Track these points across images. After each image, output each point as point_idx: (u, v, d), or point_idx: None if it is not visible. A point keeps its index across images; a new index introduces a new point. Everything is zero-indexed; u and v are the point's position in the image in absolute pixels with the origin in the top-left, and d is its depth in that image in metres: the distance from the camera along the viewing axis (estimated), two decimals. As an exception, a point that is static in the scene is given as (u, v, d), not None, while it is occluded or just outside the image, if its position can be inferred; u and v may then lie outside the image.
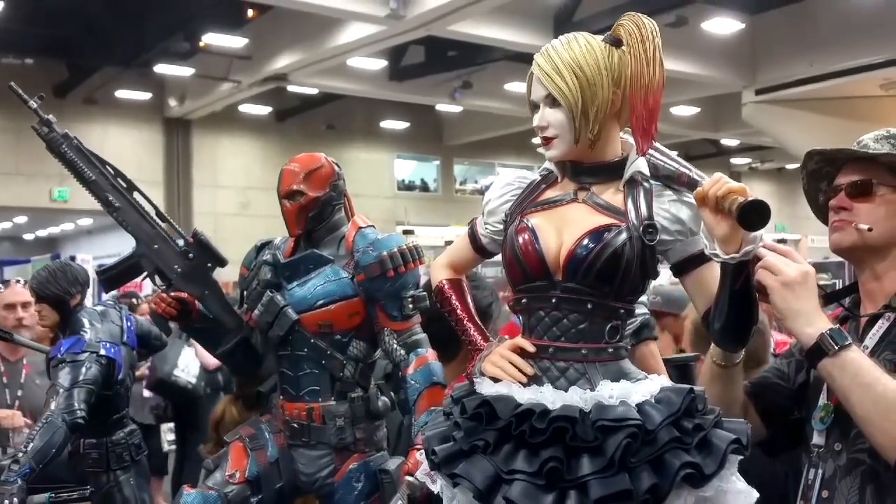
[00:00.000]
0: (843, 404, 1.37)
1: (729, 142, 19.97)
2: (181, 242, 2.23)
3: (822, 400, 1.51)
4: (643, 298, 1.77)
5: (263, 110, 17.57)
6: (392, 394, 2.27)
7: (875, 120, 13.72)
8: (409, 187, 20.81)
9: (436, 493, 1.40)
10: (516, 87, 15.18)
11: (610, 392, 1.28)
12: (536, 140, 1.43)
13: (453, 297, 1.57)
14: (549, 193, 1.45)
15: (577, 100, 1.35)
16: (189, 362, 4.93)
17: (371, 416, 2.19)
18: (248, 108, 17.16)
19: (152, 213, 2.22)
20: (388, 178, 19.71)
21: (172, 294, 2.20)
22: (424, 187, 21.10)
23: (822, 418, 1.49)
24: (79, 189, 2.16)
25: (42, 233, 23.06)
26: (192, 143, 17.81)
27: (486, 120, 17.65)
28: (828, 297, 1.60)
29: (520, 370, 1.34)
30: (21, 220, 21.03)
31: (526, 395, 1.30)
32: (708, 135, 18.51)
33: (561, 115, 1.37)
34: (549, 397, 1.28)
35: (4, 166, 15.82)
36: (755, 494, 1.26)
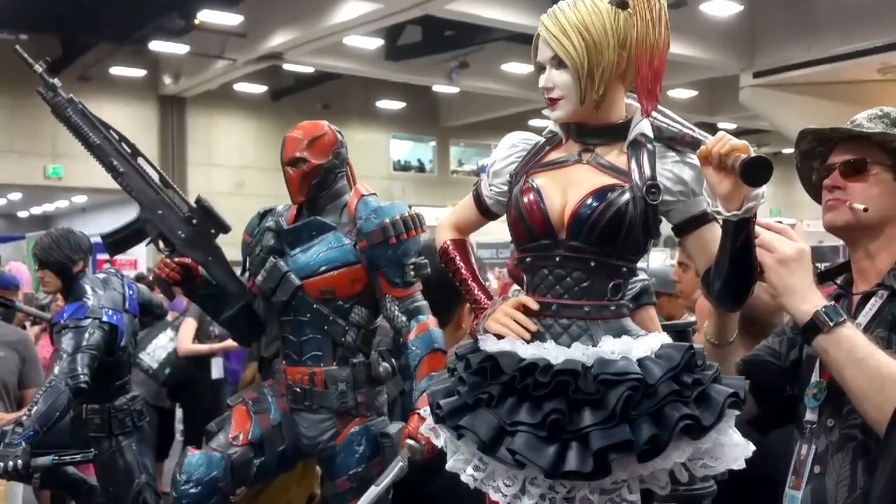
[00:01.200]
0: (837, 380, 1.40)
1: (726, 125, 19.92)
2: (185, 208, 2.26)
3: (815, 377, 1.54)
4: (642, 265, 1.80)
5: (259, 89, 17.50)
6: (393, 360, 2.30)
7: (873, 104, 13.63)
8: (404, 168, 20.79)
9: (440, 447, 1.43)
10: (514, 67, 15.15)
11: (612, 347, 1.31)
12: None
13: (458, 257, 1.60)
14: (554, 155, 1.48)
15: (583, 61, 1.37)
16: (158, 348, 4.95)
17: (372, 381, 2.22)
18: (243, 87, 17.09)
19: (156, 178, 2.24)
20: (383, 159, 19.68)
21: (176, 259, 2.22)
22: (420, 168, 21.09)
23: (816, 395, 1.52)
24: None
25: (36, 210, 23.00)
26: (187, 122, 17.75)
27: (483, 101, 17.61)
28: (821, 275, 1.63)
29: (523, 327, 1.37)
30: (15, 196, 20.98)
31: (529, 351, 1.33)
32: (705, 118, 18.48)
33: (567, 76, 1.40)
34: (552, 353, 1.32)
35: (-2, 143, 15.77)
36: (751, 447, 1.29)
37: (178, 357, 4.98)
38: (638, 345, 1.33)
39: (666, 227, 1.48)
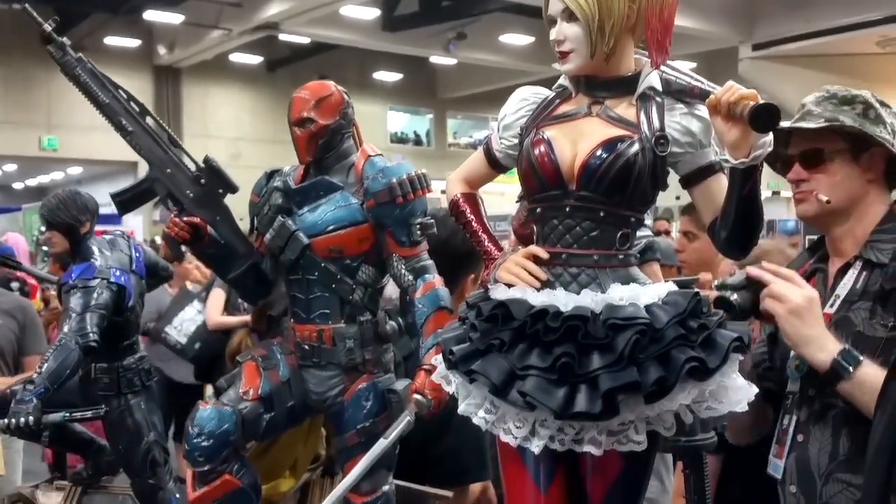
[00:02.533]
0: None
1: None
2: (193, 168, 2.28)
3: None
4: (648, 222, 1.84)
5: (254, 60, 17.38)
6: (399, 319, 2.33)
7: (871, 77, 13.71)
8: (401, 140, 20.74)
9: (451, 392, 1.47)
10: (511, 38, 15.07)
11: (620, 294, 1.35)
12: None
13: (468, 210, 1.63)
14: (564, 108, 1.51)
15: (594, 14, 1.39)
16: (185, 321, 4.70)
17: (379, 338, 2.26)
18: (238, 58, 16.98)
19: (164, 138, 2.26)
20: (380, 131, 19.62)
21: (185, 218, 2.24)
22: (417, 141, 21.05)
23: (798, 367, 1.57)
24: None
25: (32, 182, 22.95)
26: (182, 93, 17.64)
27: (481, 73, 17.53)
28: (810, 250, 1.70)
29: (534, 276, 1.41)
30: (10, 168, 20.91)
31: (539, 299, 1.37)
32: (702, 91, 18.42)
33: (578, 29, 1.42)
34: (562, 300, 1.35)
35: (-8, 114, 15.68)
36: (754, 390, 1.34)
37: (208, 331, 4.65)
38: (645, 292, 1.37)
39: (661, 198, 1.54)
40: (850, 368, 1.39)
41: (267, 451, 2.91)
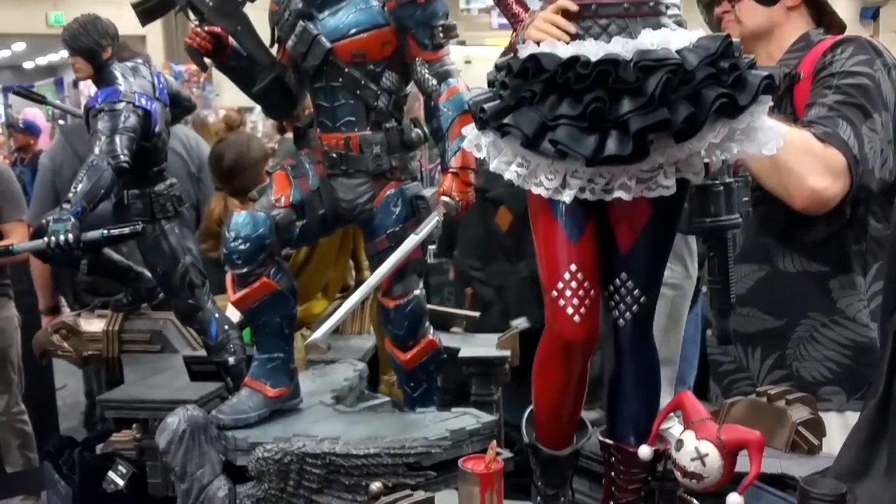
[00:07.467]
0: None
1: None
2: (211, -25, 2.24)
3: None
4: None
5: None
6: (424, 127, 2.35)
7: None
8: (413, 6, 20.08)
9: (481, 157, 1.50)
10: None
11: (651, 40, 1.35)
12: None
13: None
14: None
15: None
16: None
17: (405, 146, 2.29)
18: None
19: (179, -56, 2.22)
20: (391, -3, 18.95)
21: (206, 29, 2.23)
22: (429, 6, 20.36)
23: None
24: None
25: (42, 60, 22.65)
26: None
27: (494, -71, 16.71)
28: None
29: (563, 30, 1.40)
30: (19, 47, 20.62)
31: (570, 51, 1.37)
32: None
33: None
34: (592, 49, 1.35)
35: (-6, -10, 15.33)
36: (784, 129, 1.35)
37: None
38: (676, 37, 1.36)
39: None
40: None
41: (300, 273, 3.02)
